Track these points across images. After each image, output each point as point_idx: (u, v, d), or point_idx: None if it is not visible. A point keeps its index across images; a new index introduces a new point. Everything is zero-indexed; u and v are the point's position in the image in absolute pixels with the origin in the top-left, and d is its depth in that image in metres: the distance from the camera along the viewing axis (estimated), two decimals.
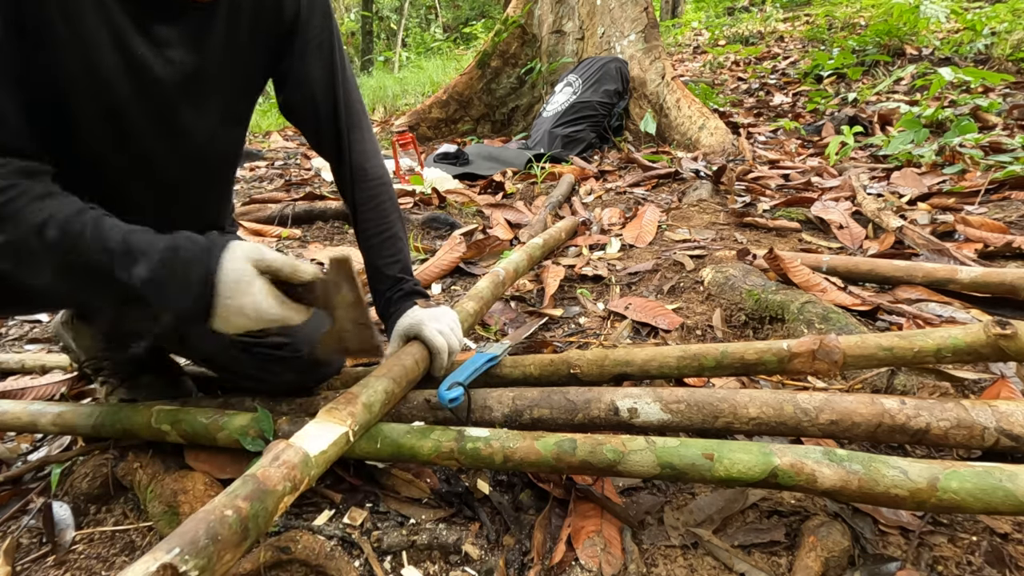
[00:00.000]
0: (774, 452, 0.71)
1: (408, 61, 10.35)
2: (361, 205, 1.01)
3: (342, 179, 1.01)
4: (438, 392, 0.89)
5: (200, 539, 0.51)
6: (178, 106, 0.82)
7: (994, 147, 2.55)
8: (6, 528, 0.94)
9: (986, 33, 4.42)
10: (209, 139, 0.88)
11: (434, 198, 2.73)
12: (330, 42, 0.94)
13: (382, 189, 1.03)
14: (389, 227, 1.03)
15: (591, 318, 1.54)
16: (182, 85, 0.80)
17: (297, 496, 0.63)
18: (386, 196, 1.03)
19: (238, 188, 3.62)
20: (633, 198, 2.57)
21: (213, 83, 0.84)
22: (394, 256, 1.03)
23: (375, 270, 1.04)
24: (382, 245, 1.02)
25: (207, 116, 0.86)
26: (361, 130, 1.00)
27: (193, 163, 0.89)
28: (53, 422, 1.05)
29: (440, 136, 4.75)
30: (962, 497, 0.65)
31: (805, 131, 3.57)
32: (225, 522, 0.53)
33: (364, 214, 1.01)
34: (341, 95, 0.96)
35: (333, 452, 0.70)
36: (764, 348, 0.92)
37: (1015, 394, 1.00)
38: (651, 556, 0.79)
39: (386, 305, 1.04)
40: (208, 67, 0.82)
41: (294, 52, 0.92)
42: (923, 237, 1.69)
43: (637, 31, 3.95)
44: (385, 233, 1.02)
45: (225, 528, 0.53)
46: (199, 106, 0.84)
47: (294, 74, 0.93)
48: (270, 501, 0.58)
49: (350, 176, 1.00)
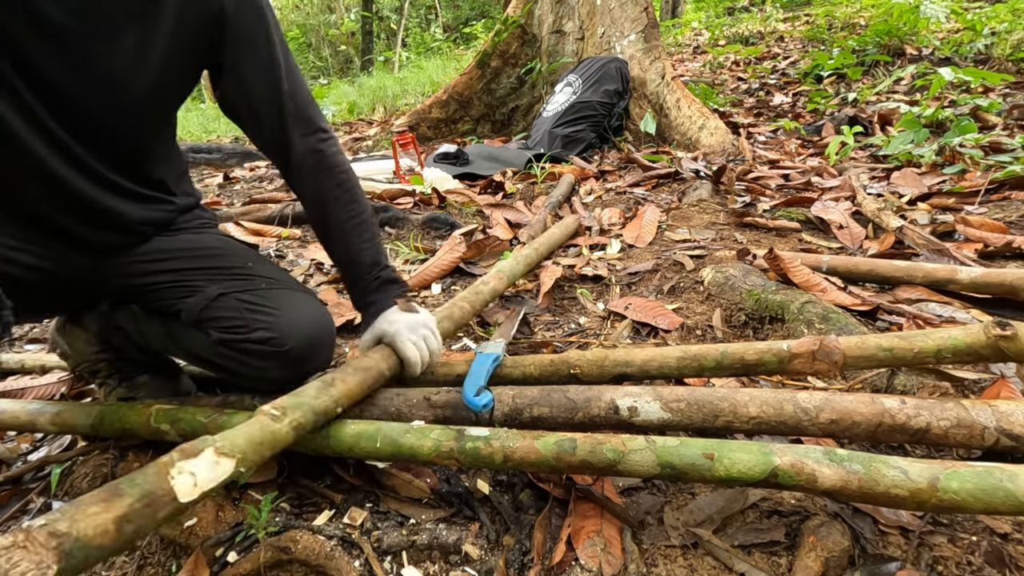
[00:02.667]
0: (774, 452, 0.71)
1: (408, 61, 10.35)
2: (326, 193, 1.00)
3: (297, 173, 1.00)
4: (465, 399, 0.89)
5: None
6: (88, 46, 0.80)
7: (994, 147, 2.55)
8: (6, 528, 0.94)
9: (986, 33, 4.42)
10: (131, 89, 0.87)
11: (434, 198, 2.73)
12: (266, 37, 0.93)
13: (346, 177, 1.02)
14: (359, 212, 1.02)
15: (591, 318, 1.54)
16: (90, 27, 0.79)
17: (217, 464, 0.64)
18: (352, 183, 1.02)
19: (238, 188, 3.62)
20: (633, 198, 2.57)
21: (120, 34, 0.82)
22: (368, 241, 1.02)
23: (350, 257, 1.03)
24: (354, 230, 1.01)
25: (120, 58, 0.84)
26: (314, 122, 0.99)
27: (112, 110, 0.87)
28: (52, 421, 1.05)
29: (440, 136, 4.75)
30: (962, 497, 0.65)
31: (805, 131, 3.57)
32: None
33: (331, 201, 1.00)
34: (285, 93, 0.95)
35: (250, 430, 0.71)
36: (764, 349, 0.92)
37: (1015, 394, 1.00)
38: (651, 556, 0.79)
39: (363, 294, 1.03)
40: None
41: (225, 47, 0.91)
42: (923, 237, 1.69)
43: (637, 31, 3.95)
44: (356, 218, 1.01)
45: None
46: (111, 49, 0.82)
47: (228, 71, 0.93)
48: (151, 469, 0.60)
49: (310, 168, 0.99)
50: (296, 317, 0.97)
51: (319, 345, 1.00)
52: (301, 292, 1.05)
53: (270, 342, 0.94)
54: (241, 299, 0.97)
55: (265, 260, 1.10)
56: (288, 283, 1.05)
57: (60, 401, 1.26)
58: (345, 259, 1.04)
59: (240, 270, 1.02)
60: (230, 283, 0.99)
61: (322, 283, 1.92)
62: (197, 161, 4.45)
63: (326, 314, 1.05)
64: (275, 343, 0.94)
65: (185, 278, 0.99)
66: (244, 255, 1.06)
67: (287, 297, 1.00)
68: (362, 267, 1.02)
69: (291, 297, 1.01)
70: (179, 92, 0.96)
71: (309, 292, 1.08)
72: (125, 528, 0.55)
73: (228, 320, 0.95)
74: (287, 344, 0.94)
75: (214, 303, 0.96)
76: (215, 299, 0.96)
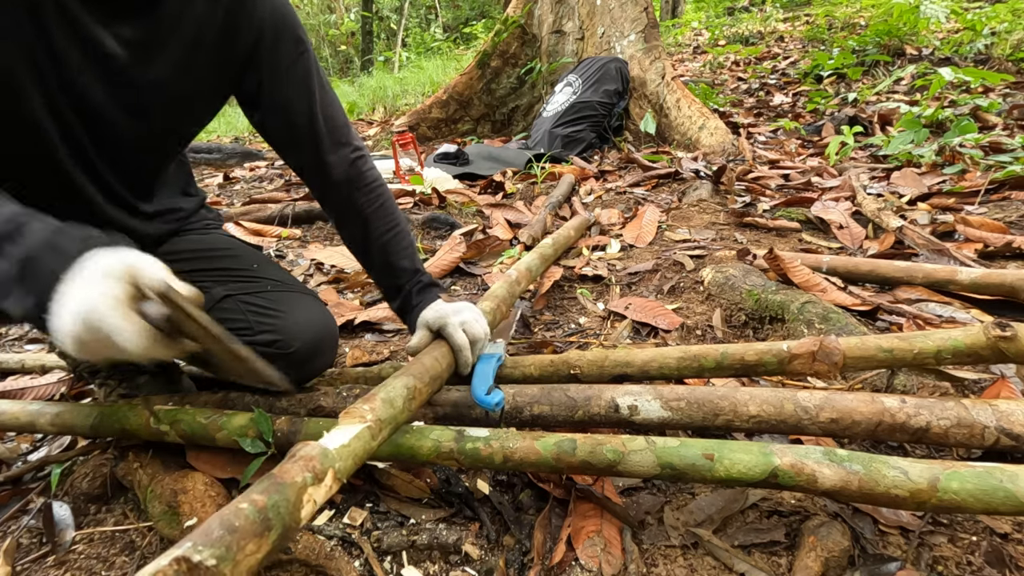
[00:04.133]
0: (774, 452, 0.71)
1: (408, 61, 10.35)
2: (364, 209, 1.01)
3: (335, 192, 1.01)
4: (476, 397, 0.89)
5: (214, 531, 0.48)
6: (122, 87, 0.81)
7: (994, 147, 2.55)
8: (6, 528, 0.94)
9: (986, 33, 4.42)
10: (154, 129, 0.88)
11: (434, 198, 2.73)
12: (305, 67, 0.94)
13: (382, 191, 1.04)
14: (396, 222, 1.04)
15: (591, 318, 1.54)
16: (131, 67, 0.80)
17: (330, 489, 0.60)
18: (388, 196, 1.04)
19: (238, 188, 3.62)
20: (633, 198, 2.57)
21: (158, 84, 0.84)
22: (407, 249, 1.04)
23: (389, 267, 1.04)
24: (394, 240, 1.03)
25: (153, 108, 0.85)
26: (350, 143, 1.00)
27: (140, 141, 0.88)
28: (51, 422, 1.04)
29: (440, 136, 4.75)
30: (962, 498, 0.65)
31: (805, 131, 3.57)
32: (241, 514, 0.50)
33: (369, 216, 1.01)
34: (320, 117, 0.96)
35: (357, 445, 0.67)
36: (764, 349, 0.92)
37: (1015, 394, 1.00)
38: (651, 556, 0.79)
39: (406, 299, 1.04)
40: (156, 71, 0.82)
41: (262, 78, 0.91)
42: (923, 237, 1.69)
43: (637, 31, 3.95)
44: (395, 229, 1.03)
45: (241, 519, 0.50)
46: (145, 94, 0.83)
47: (267, 100, 0.93)
48: (290, 492, 0.56)
49: (344, 188, 1.00)
50: (301, 319, 0.98)
51: (324, 347, 1.01)
52: (305, 295, 1.06)
53: (275, 344, 0.95)
54: (246, 301, 0.98)
55: (270, 262, 1.11)
56: (293, 285, 1.06)
57: (60, 401, 1.26)
58: (385, 270, 1.05)
59: (245, 272, 1.03)
60: (235, 285, 1.00)
61: (322, 283, 1.92)
62: (197, 161, 4.45)
63: (329, 316, 1.06)
64: (280, 345, 0.95)
65: (190, 279, 0.99)
66: (250, 257, 1.07)
67: (292, 300, 1.01)
68: (404, 274, 1.04)
69: (296, 300, 1.02)
70: (208, 117, 0.98)
71: (313, 294, 1.08)
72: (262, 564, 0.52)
73: (233, 322, 0.95)
74: (292, 346, 0.95)
75: (219, 305, 0.97)
76: (220, 301, 0.97)
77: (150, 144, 0.91)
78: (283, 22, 0.91)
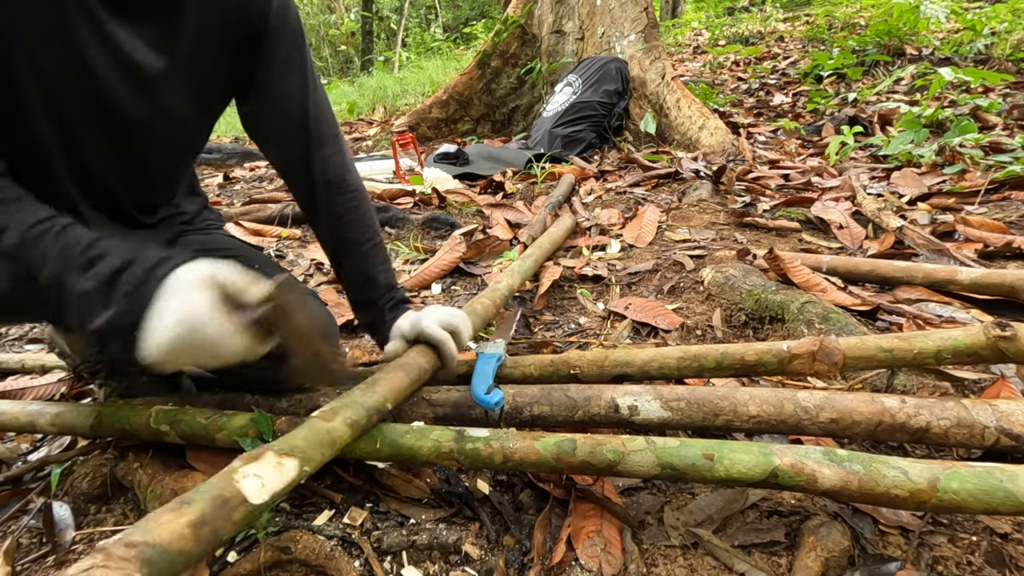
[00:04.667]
0: (774, 452, 0.71)
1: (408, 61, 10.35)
2: (344, 216, 1.00)
3: (313, 193, 0.99)
4: (476, 397, 0.89)
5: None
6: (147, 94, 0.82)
7: (994, 147, 2.55)
8: (6, 528, 0.94)
9: (986, 33, 4.42)
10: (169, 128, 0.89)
11: (434, 198, 2.73)
12: (302, 57, 0.94)
13: (362, 198, 1.02)
14: (374, 234, 1.03)
15: (591, 318, 1.54)
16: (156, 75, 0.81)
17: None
18: (367, 205, 1.03)
19: (238, 188, 3.62)
20: (633, 198, 2.57)
21: (180, 79, 0.84)
22: (384, 263, 1.04)
23: (365, 279, 1.03)
24: (372, 252, 1.02)
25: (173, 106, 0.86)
26: (337, 143, 1.00)
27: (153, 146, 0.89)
28: (51, 422, 1.04)
29: (440, 136, 4.75)
30: (962, 498, 0.65)
31: (805, 131, 3.57)
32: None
33: (348, 224, 1.00)
34: (312, 111, 0.95)
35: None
36: (764, 349, 0.92)
37: (1015, 394, 1.00)
38: (651, 556, 0.79)
39: (379, 315, 1.03)
40: (175, 64, 0.83)
41: (261, 61, 0.91)
42: (923, 237, 1.69)
43: (637, 31, 3.95)
44: (371, 241, 1.02)
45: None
46: (165, 97, 0.84)
47: (261, 85, 0.93)
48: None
49: (326, 189, 0.99)
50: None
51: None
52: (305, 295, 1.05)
53: (275, 344, 0.94)
54: None
55: (271, 263, 1.11)
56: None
57: (60, 401, 1.26)
58: (359, 281, 1.04)
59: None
60: None
61: (322, 283, 1.92)
62: (197, 161, 4.45)
63: (330, 317, 1.06)
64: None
65: None
66: (251, 257, 1.07)
67: None
68: (379, 289, 1.03)
69: None
70: (221, 106, 0.98)
71: (313, 295, 1.08)
72: (202, 531, 0.54)
73: None
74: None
75: None
76: None
77: (170, 145, 0.91)
78: (287, 10, 0.91)
